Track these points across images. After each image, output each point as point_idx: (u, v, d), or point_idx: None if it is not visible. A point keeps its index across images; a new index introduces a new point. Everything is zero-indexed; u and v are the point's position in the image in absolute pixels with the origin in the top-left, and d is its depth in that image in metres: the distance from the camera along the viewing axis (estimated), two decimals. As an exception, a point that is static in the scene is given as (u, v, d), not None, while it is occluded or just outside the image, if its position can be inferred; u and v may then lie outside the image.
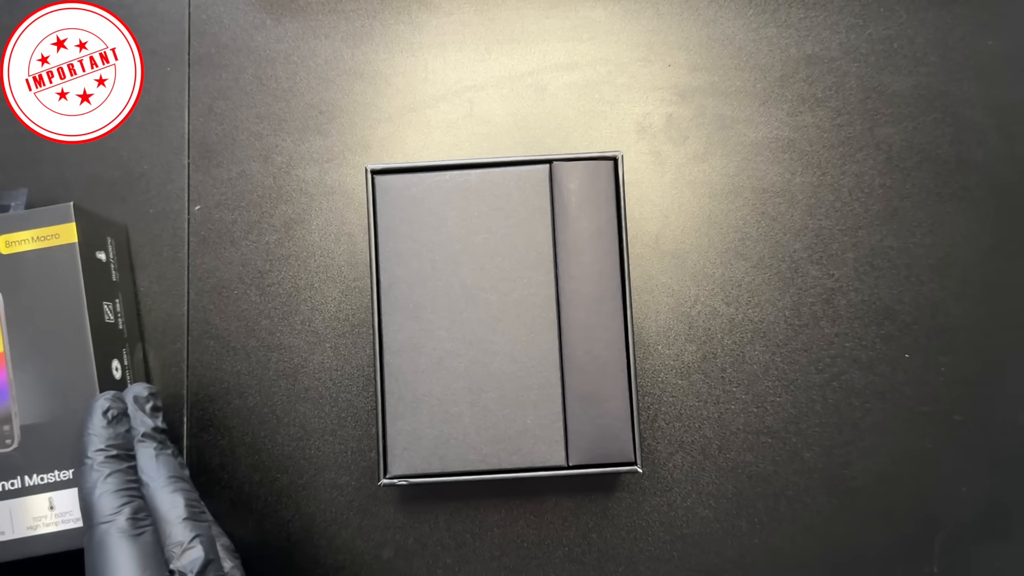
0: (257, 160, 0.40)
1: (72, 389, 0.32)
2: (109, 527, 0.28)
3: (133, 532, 0.28)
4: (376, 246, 0.34)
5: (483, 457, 0.33)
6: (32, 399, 0.33)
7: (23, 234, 0.33)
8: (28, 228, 0.33)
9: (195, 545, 0.28)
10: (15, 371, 0.33)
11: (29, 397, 0.33)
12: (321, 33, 0.41)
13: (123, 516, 0.28)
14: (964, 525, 0.38)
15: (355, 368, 0.39)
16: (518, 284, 0.34)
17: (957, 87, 0.40)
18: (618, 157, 0.34)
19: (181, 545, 0.28)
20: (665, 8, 0.41)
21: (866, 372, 0.38)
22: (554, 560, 0.38)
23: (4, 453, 0.32)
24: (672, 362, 0.39)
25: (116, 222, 0.39)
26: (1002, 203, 0.40)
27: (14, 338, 0.33)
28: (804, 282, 0.39)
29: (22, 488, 0.32)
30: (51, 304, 0.33)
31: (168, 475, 0.30)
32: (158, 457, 0.30)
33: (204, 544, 0.29)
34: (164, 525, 0.29)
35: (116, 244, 0.38)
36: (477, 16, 0.41)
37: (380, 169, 0.34)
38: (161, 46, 0.41)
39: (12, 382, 0.33)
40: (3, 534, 0.32)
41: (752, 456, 0.38)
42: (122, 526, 0.28)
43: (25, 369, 0.33)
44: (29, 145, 0.40)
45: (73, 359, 0.33)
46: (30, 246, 0.33)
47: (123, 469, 0.29)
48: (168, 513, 0.29)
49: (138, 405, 0.32)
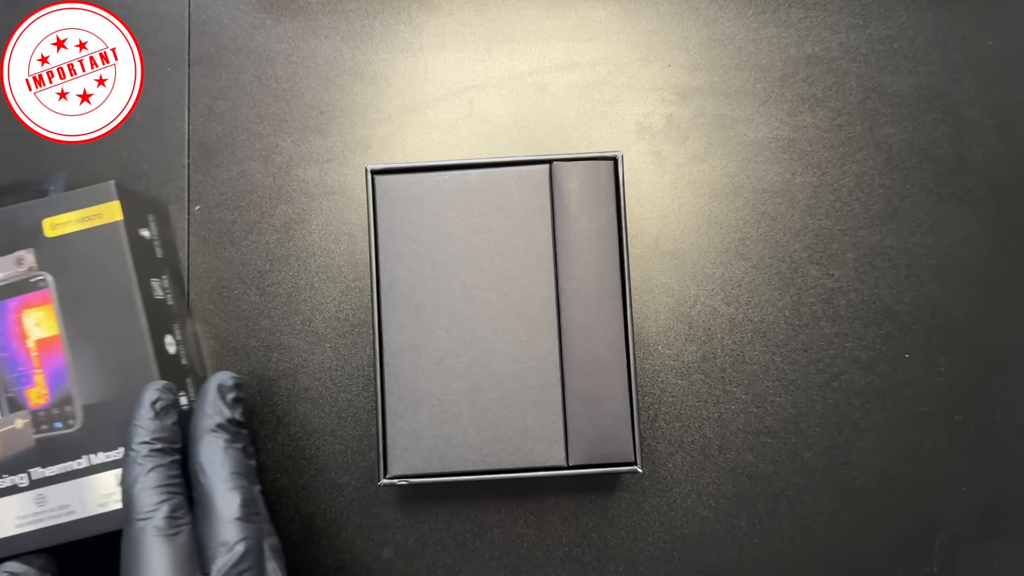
0: (257, 160, 0.40)
1: (129, 366, 0.33)
2: (145, 524, 0.27)
3: (169, 531, 0.28)
4: (376, 246, 0.34)
5: (483, 457, 0.33)
6: (91, 379, 0.33)
7: (67, 216, 0.33)
8: (71, 209, 0.33)
9: (239, 548, 0.28)
10: (72, 352, 0.33)
11: (88, 377, 0.33)
12: (321, 33, 0.41)
13: (161, 514, 0.28)
14: (964, 525, 0.38)
15: (355, 368, 0.39)
16: (518, 284, 0.34)
17: (957, 87, 0.40)
18: (618, 157, 0.34)
19: (226, 546, 0.28)
20: (665, 8, 0.41)
21: (866, 372, 0.38)
22: (554, 560, 0.38)
23: (68, 433, 0.33)
24: (672, 362, 0.39)
25: (155, 200, 0.39)
26: (1002, 203, 0.40)
27: (68, 320, 0.33)
28: (804, 282, 0.39)
29: (89, 467, 0.33)
30: (101, 284, 0.33)
31: (231, 470, 0.29)
32: (226, 450, 0.30)
33: (249, 548, 0.28)
34: (215, 522, 0.28)
35: (158, 221, 0.38)
36: (477, 16, 0.41)
37: (380, 169, 0.34)
38: (161, 46, 0.41)
39: (70, 363, 0.33)
40: (74, 513, 0.32)
41: (752, 456, 0.38)
42: (159, 524, 0.27)
43: (82, 349, 0.33)
44: (29, 145, 0.40)
45: (128, 337, 0.33)
46: (75, 227, 0.33)
47: (166, 464, 0.29)
48: (222, 511, 0.28)
49: (220, 393, 0.31)
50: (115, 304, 0.33)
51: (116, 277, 0.33)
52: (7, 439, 0.33)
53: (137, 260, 0.34)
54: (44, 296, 0.33)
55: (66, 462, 0.33)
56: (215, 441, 0.30)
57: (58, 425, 0.33)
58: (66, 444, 0.33)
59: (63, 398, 0.33)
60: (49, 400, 0.33)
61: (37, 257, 0.33)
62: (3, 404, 0.33)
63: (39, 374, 0.33)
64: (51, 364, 0.33)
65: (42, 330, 0.33)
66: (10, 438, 0.33)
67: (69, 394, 0.33)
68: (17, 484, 0.33)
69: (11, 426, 0.33)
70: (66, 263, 0.33)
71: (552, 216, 0.34)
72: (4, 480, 0.33)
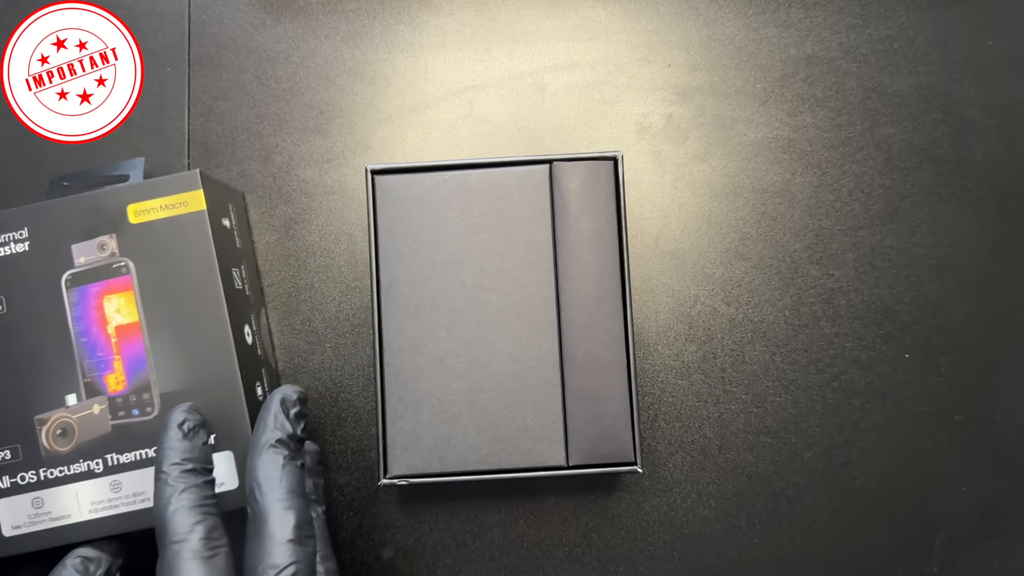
0: (257, 160, 0.40)
1: (209, 356, 0.33)
2: (181, 547, 0.27)
3: (206, 553, 0.27)
4: (376, 246, 0.34)
5: (483, 457, 0.33)
6: (169, 367, 0.33)
7: (151, 203, 0.33)
8: (156, 197, 0.33)
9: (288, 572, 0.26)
10: (152, 340, 0.33)
11: (166, 365, 0.33)
12: (321, 33, 0.41)
13: (196, 536, 0.27)
14: (964, 525, 0.38)
15: (355, 368, 0.39)
16: (518, 284, 0.34)
17: (957, 87, 0.40)
18: (618, 157, 0.34)
19: (276, 568, 0.26)
20: (665, 8, 0.41)
21: (866, 372, 0.38)
22: (554, 560, 0.38)
23: (145, 421, 0.33)
24: (672, 362, 0.39)
25: (234, 188, 0.39)
26: (1002, 203, 0.40)
27: (149, 307, 0.33)
28: (804, 282, 0.39)
29: None
30: (183, 272, 0.33)
31: (287, 489, 0.28)
32: (284, 467, 0.28)
33: (299, 572, 0.27)
34: (266, 542, 0.27)
35: (236, 210, 0.38)
36: (477, 16, 0.41)
37: (380, 169, 0.34)
38: (161, 46, 0.41)
39: (150, 351, 0.33)
40: (148, 501, 0.32)
41: (752, 456, 0.38)
42: (195, 547, 0.26)
43: (161, 337, 0.33)
44: (29, 145, 0.40)
45: (209, 326, 0.33)
46: (159, 215, 0.33)
47: (199, 484, 0.28)
48: (274, 531, 0.27)
49: (283, 408, 0.30)
50: (197, 293, 0.33)
51: (199, 266, 0.33)
52: (84, 424, 0.33)
53: (219, 249, 0.34)
54: (126, 282, 0.33)
55: (142, 449, 0.33)
56: (274, 457, 0.29)
57: (135, 412, 0.33)
58: (143, 431, 0.33)
59: (141, 385, 0.33)
60: (127, 387, 0.33)
61: (119, 243, 0.33)
62: (81, 389, 0.33)
63: (118, 360, 0.33)
64: (130, 351, 0.33)
65: (122, 316, 0.33)
66: (87, 423, 0.33)
67: (147, 381, 0.33)
68: (93, 469, 0.32)
69: (89, 411, 0.33)
70: (148, 250, 0.33)
71: (552, 216, 0.34)
72: (80, 465, 0.33)
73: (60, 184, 0.37)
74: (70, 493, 0.32)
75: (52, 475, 0.33)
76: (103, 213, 0.33)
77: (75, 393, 0.33)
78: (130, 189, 0.33)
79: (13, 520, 0.32)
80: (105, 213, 0.33)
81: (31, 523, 0.32)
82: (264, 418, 0.30)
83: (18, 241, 0.33)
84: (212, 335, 0.33)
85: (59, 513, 0.32)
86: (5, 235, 0.33)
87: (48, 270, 0.33)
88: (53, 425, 0.33)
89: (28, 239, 0.33)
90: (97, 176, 0.36)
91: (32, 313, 0.33)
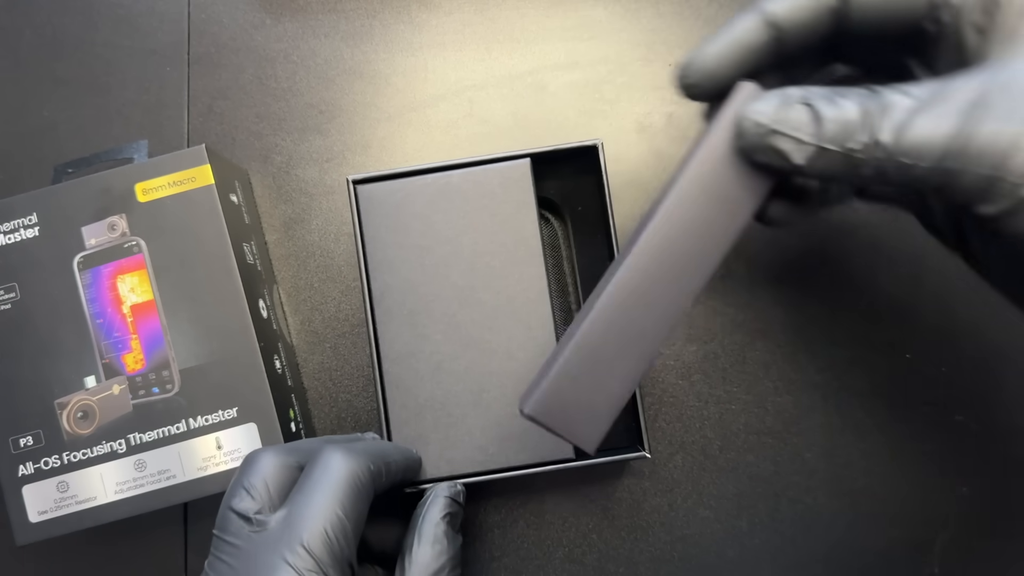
0: (257, 160, 0.40)
1: (226, 330, 0.33)
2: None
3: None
4: (364, 256, 0.34)
5: (490, 457, 0.33)
6: (187, 343, 0.33)
7: (159, 180, 0.33)
8: (163, 174, 0.33)
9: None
10: (168, 317, 0.33)
11: (184, 341, 0.33)
12: (321, 33, 0.41)
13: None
14: (964, 525, 0.38)
15: (355, 368, 0.39)
16: (510, 280, 0.34)
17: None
18: (599, 144, 0.34)
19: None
20: (665, 7, 0.41)
21: (867, 372, 0.38)
22: (554, 560, 0.38)
23: (166, 398, 0.33)
24: (672, 362, 0.39)
25: (238, 166, 0.39)
26: (1003, 203, 0.39)
27: (163, 284, 0.33)
28: (804, 281, 0.39)
29: (188, 431, 0.33)
30: (195, 248, 0.33)
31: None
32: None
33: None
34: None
35: (242, 186, 0.38)
36: (477, 16, 0.41)
37: (361, 179, 0.34)
38: (161, 46, 0.41)
39: (166, 328, 0.33)
40: (175, 477, 0.33)
41: (753, 456, 0.38)
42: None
43: (177, 314, 0.33)
44: (30, 144, 0.40)
45: (225, 301, 0.33)
46: (167, 192, 0.33)
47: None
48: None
49: (443, 506, 0.31)
50: (211, 268, 0.33)
51: (211, 241, 0.33)
52: (105, 405, 0.33)
53: (230, 224, 0.34)
54: (138, 261, 0.33)
55: (164, 426, 0.33)
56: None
57: (155, 390, 0.33)
58: (164, 409, 0.33)
59: (160, 363, 0.33)
60: (146, 365, 0.33)
61: (129, 222, 0.33)
62: (100, 370, 0.33)
63: (135, 339, 0.33)
64: (147, 329, 0.33)
65: (137, 295, 0.33)
66: (108, 404, 0.33)
67: (166, 358, 0.33)
68: (116, 450, 0.33)
69: (108, 392, 0.33)
70: (159, 228, 0.33)
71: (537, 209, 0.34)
72: (103, 446, 0.33)
73: (64, 171, 0.37)
74: (95, 475, 0.33)
75: (75, 458, 0.33)
76: (111, 194, 0.33)
77: (94, 375, 0.33)
78: (137, 168, 0.33)
79: (39, 506, 0.33)
80: (113, 193, 0.33)
81: (57, 507, 0.33)
82: (431, 509, 0.31)
83: (28, 227, 0.33)
84: (228, 309, 0.33)
85: (84, 496, 0.33)
86: (14, 221, 0.33)
87: (59, 253, 0.33)
88: (74, 408, 0.33)
89: (37, 224, 0.33)
90: (101, 160, 0.36)
91: (46, 297, 0.33)
